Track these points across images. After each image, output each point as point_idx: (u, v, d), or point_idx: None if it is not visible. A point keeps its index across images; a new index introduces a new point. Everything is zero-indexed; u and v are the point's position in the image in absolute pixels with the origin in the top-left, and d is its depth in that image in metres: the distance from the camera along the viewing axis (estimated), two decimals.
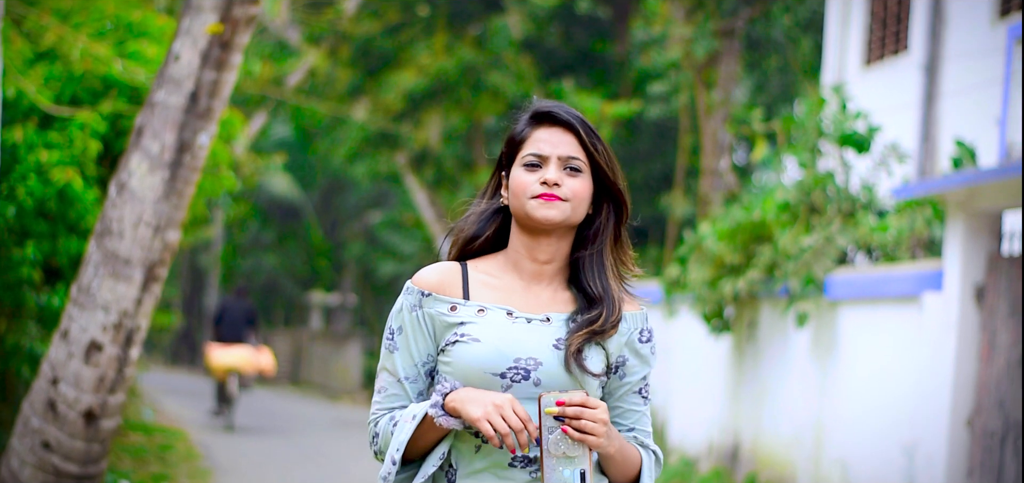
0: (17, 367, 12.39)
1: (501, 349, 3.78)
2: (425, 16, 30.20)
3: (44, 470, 8.21)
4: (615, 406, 3.96)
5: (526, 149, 3.89)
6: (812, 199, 14.90)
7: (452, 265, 3.95)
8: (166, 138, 8.11)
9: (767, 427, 15.44)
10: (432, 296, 3.89)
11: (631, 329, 3.93)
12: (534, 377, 3.77)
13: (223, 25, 8.03)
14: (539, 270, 3.93)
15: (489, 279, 3.94)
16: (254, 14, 8.13)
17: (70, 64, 13.16)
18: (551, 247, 3.91)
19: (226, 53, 8.09)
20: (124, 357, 8.28)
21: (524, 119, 3.96)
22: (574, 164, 3.85)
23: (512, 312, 3.87)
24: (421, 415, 3.78)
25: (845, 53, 19.03)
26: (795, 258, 14.35)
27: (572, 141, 3.87)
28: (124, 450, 16.48)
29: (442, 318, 3.87)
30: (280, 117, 35.92)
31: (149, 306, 8.29)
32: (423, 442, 3.81)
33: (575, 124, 3.89)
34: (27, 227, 12.48)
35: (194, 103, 8.10)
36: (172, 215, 8.21)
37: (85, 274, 8.28)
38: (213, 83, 8.11)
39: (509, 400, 3.67)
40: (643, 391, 3.98)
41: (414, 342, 3.90)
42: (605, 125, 24.56)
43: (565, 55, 29.94)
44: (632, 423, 3.98)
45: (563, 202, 3.82)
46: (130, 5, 15.08)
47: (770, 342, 15.48)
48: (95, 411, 8.24)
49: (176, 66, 8.11)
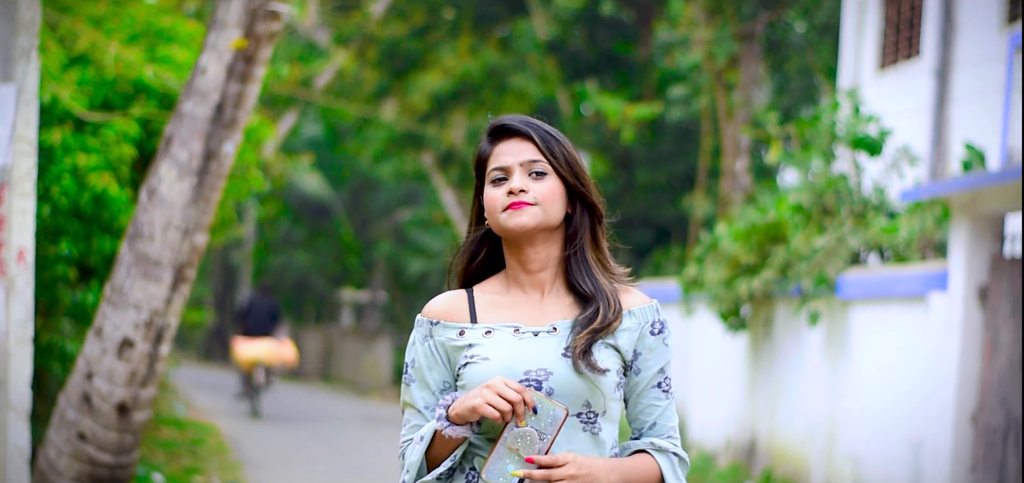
0: (49, 364, 12.73)
1: (511, 364, 3.84)
2: (451, 19, 30.51)
3: (79, 460, 8.64)
4: (635, 402, 3.96)
5: (490, 166, 3.95)
6: (825, 201, 15.23)
7: (458, 292, 4.03)
8: (193, 147, 8.52)
9: (782, 423, 15.75)
10: (440, 324, 3.96)
11: (642, 322, 3.95)
12: (546, 387, 3.82)
13: (247, 40, 8.45)
14: (536, 280, 3.97)
15: (494, 299, 3.99)
16: (276, 30, 8.55)
17: (103, 69, 13.49)
18: (539, 255, 3.95)
19: (249, 66, 8.51)
20: (154, 353, 8.69)
21: (484, 139, 4.03)
22: (537, 168, 3.90)
23: (519, 328, 3.92)
24: (429, 435, 3.85)
25: (860, 57, 19.30)
26: (807, 258, 14.67)
27: (530, 147, 3.92)
28: (157, 444, 16.85)
29: (452, 343, 3.93)
30: (311, 116, 36.25)
31: (178, 305, 8.71)
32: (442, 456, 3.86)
33: (530, 131, 3.93)
34: (62, 226, 12.83)
35: (220, 114, 8.52)
36: (199, 219, 8.62)
37: (118, 274, 8.70)
38: (237, 95, 8.53)
39: (500, 380, 3.72)
40: (663, 385, 3.97)
41: (429, 372, 3.96)
42: (627, 127, 24.88)
43: (589, 57, 30.11)
44: (654, 419, 3.96)
45: (533, 206, 3.87)
46: (161, 12, 15.43)
47: (785, 340, 15.80)
48: (127, 404, 8.66)
49: (203, 79, 8.52)
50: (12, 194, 7.66)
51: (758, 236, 15.80)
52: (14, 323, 7.68)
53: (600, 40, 30.22)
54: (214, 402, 25.26)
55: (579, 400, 3.83)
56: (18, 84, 7.66)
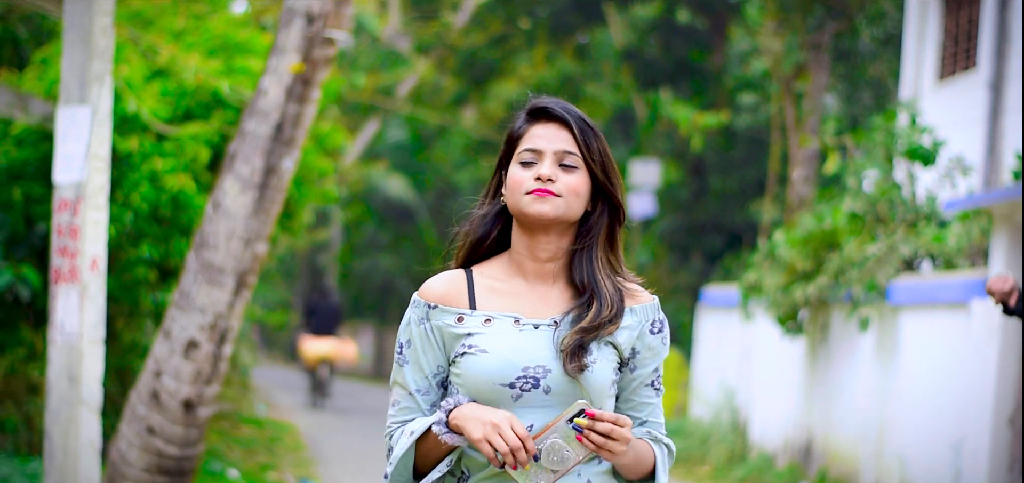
0: (132, 362, 13.38)
1: (509, 359, 3.75)
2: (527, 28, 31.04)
3: (148, 452, 9.30)
4: (628, 399, 3.92)
5: (522, 145, 3.88)
6: (878, 209, 15.65)
7: (457, 274, 3.93)
8: (255, 163, 9.16)
9: (837, 424, 16.14)
10: (438, 308, 3.87)
11: (642, 320, 3.89)
12: (544, 385, 3.75)
13: (304, 64, 9.09)
14: (542, 269, 3.89)
15: (495, 284, 3.90)
16: (331, 55, 9.19)
17: (183, 81, 14.15)
18: (551, 245, 3.87)
19: (307, 88, 9.14)
20: (218, 353, 9.34)
21: (521, 116, 3.95)
22: (569, 160, 3.81)
23: (519, 319, 3.83)
24: (420, 432, 3.78)
25: (921, 68, 19.59)
26: (859, 265, 15.10)
27: (567, 137, 3.84)
28: (235, 441, 17.45)
29: (449, 330, 3.84)
30: (396, 122, 36.93)
31: (240, 309, 9.35)
32: (434, 455, 3.81)
33: (570, 120, 3.85)
34: (142, 230, 13.47)
35: (279, 133, 9.15)
36: (260, 230, 9.26)
37: (185, 280, 9.36)
38: (296, 115, 9.16)
39: (507, 419, 3.63)
40: (655, 383, 3.94)
41: (423, 354, 3.87)
42: (697, 134, 25.32)
43: (664, 65, 30.55)
44: (645, 416, 3.94)
45: (557, 198, 3.79)
46: (238, 25, 16.04)
47: (840, 345, 16.20)
48: (193, 400, 9.32)
49: (264, 100, 9.17)
50: (86, 207, 8.33)
51: (814, 243, 16.22)
52: (87, 325, 8.36)
53: (675, 48, 30.55)
54: (295, 401, 25.93)
55: (575, 398, 3.75)
56: (93, 106, 8.34)
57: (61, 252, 8.44)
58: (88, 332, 8.37)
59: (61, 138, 8.48)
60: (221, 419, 18.83)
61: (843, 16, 21.95)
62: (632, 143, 30.67)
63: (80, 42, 8.37)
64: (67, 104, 8.45)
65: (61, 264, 8.45)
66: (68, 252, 8.38)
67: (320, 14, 9.08)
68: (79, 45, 8.37)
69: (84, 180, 8.34)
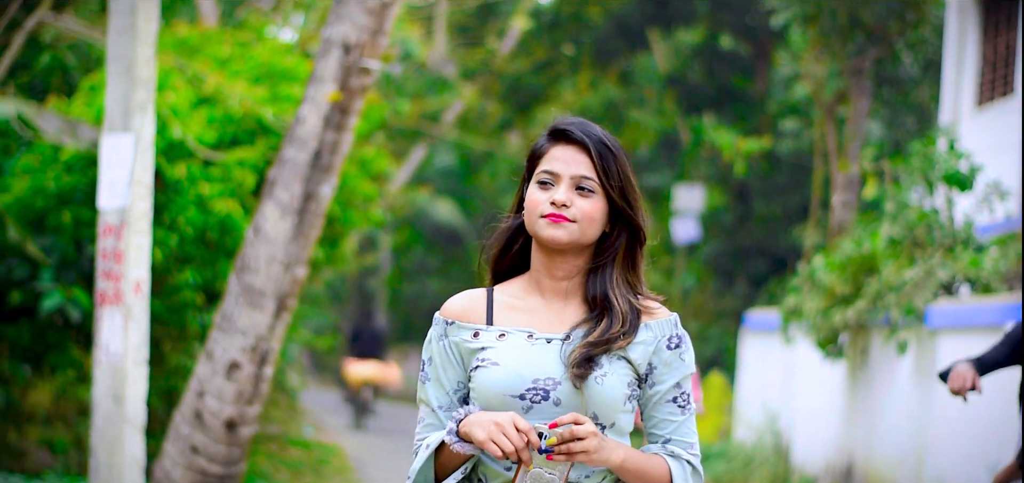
0: (178, 383, 13.62)
1: (520, 371, 3.80)
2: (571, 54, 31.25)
3: (192, 470, 9.57)
4: (649, 416, 3.94)
5: (541, 166, 3.91)
6: (916, 234, 15.79)
7: (478, 292, 3.99)
8: (294, 189, 9.43)
9: (877, 447, 16.25)
10: (456, 324, 3.92)
11: (658, 336, 3.91)
12: (553, 397, 3.78)
13: (341, 93, 9.36)
14: (558, 286, 3.93)
15: (513, 301, 3.95)
16: (367, 84, 9.45)
17: (228, 108, 14.38)
18: (567, 264, 3.91)
19: (344, 117, 9.41)
20: (259, 374, 9.60)
21: (544, 135, 3.98)
22: (586, 184, 3.85)
23: (532, 334, 3.87)
24: (435, 446, 3.84)
25: (959, 94, 19.68)
26: (897, 289, 15.23)
27: (586, 161, 3.86)
28: (282, 463, 17.69)
29: (466, 345, 3.89)
30: (444, 147, 37.19)
31: (280, 331, 9.61)
32: (451, 467, 3.85)
33: (590, 144, 3.87)
34: (188, 254, 13.75)
35: (317, 160, 9.41)
36: (299, 254, 9.52)
37: (227, 303, 9.63)
38: (333, 142, 9.43)
39: (510, 418, 3.67)
40: (679, 399, 3.92)
41: (444, 371, 3.92)
42: (739, 159, 25.47)
43: (707, 91, 30.71)
44: (669, 433, 3.93)
45: (571, 223, 3.83)
46: (282, 52, 16.31)
47: (879, 368, 16.31)
48: (235, 420, 9.58)
49: (302, 128, 9.44)
50: (130, 232, 8.61)
51: (853, 268, 16.35)
52: (131, 346, 8.63)
53: (718, 74, 30.71)
54: (342, 424, 26.17)
55: (585, 412, 3.80)
56: (136, 133, 8.62)
57: (106, 275, 8.71)
58: (132, 353, 8.64)
59: (105, 165, 8.76)
60: (269, 441, 19.11)
61: (884, 42, 22.06)
62: (676, 168, 30.81)
63: (123, 72, 8.65)
64: (111, 132, 8.73)
65: (106, 287, 8.72)
66: (112, 275, 8.65)
67: (356, 44, 9.35)
68: (122, 75, 8.65)
69: (128, 206, 8.61)
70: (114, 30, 8.82)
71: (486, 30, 31.30)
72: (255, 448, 17.76)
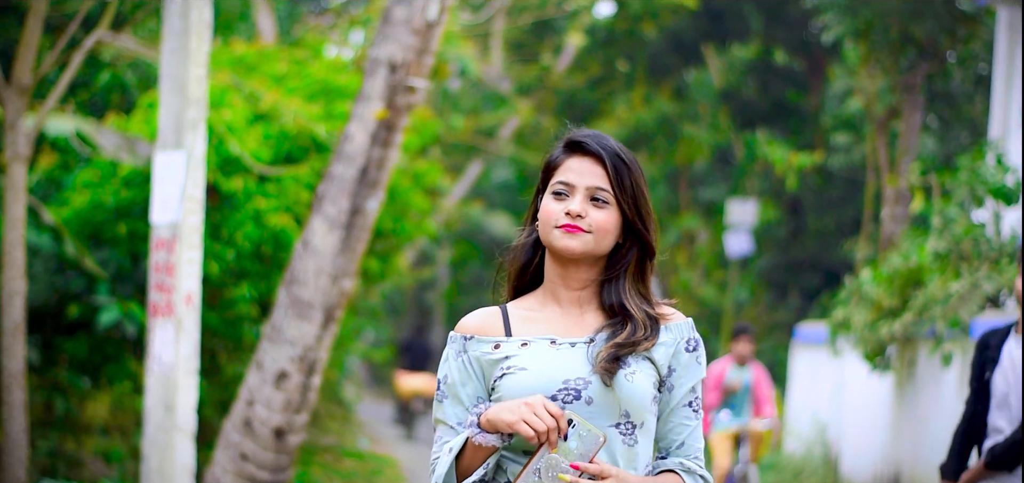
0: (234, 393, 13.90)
1: (549, 374, 3.80)
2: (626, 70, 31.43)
3: (241, 477, 9.85)
4: (666, 421, 3.93)
5: (556, 177, 3.94)
6: (962, 248, 15.91)
7: (492, 309, 4.01)
8: (342, 204, 9.70)
9: (923, 459, 16.32)
10: (474, 339, 3.91)
11: (677, 338, 3.93)
12: (586, 396, 3.78)
13: (387, 111, 9.63)
14: (574, 297, 3.95)
15: (529, 314, 3.95)
16: (413, 102, 9.72)
17: (283, 125, 14.62)
18: (581, 275, 3.94)
19: (390, 134, 9.68)
20: (307, 384, 9.87)
21: (559, 146, 4.02)
22: (600, 195, 3.87)
23: (555, 340, 3.88)
24: (459, 446, 3.81)
25: (1008, 108, 19.70)
26: (943, 302, 15.37)
27: (600, 173, 3.89)
28: (336, 473, 17.98)
29: (487, 357, 3.89)
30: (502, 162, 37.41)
31: (327, 342, 9.88)
32: (474, 467, 3.82)
33: (605, 156, 3.90)
34: (244, 268, 14.06)
35: (364, 175, 9.68)
36: (346, 267, 9.79)
37: (276, 315, 9.91)
38: (380, 159, 9.70)
39: (541, 399, 3.69)
40: (693, 404, 3.94)
41: (462, 387, 3.91)
42: (791, 174, 25.62)
43: (761, 106, 30.85)
44: (683, 438, 3.94)
45: (586, 234, 3.85)
46: (337, 70, 16.60)
47: (925, 380, 16.42)
48: (283, 428, 9.85)
49: (350, 145, 9.71)
50: (182, 245, 8.91)
51: (900, 281, 16.49)
52: (182, 357, 8.92)
53: (772, 89, 30.85)
54: (398, 436, 26.41)
55: (617, 410, 3.82)
56: (187, 151, 8.92)
57: (158, 288, 9.01)
58: (183, 363, 8.93)
59: (158, 181, 9.06)
60: (324, 452, 19.41)
61: (935, 57, 22.17)
62: (731, 182, 30.96)
63: (176, 91, 8.95)
64: (164, 149, 9.03)
65: (158, 299, 9.02)
66: (165, 288, 8.95)
67: (402, 64, 9.62)
68: (175, 94, 8.95)
69: (179, 221, 8.90)
70: (167, 51, 9.12)
71: (541, 46, 31.52)
72: (309, 458, 18.05)
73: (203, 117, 9.02)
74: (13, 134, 10.18)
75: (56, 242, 12.98)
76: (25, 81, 10.23)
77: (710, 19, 30.62)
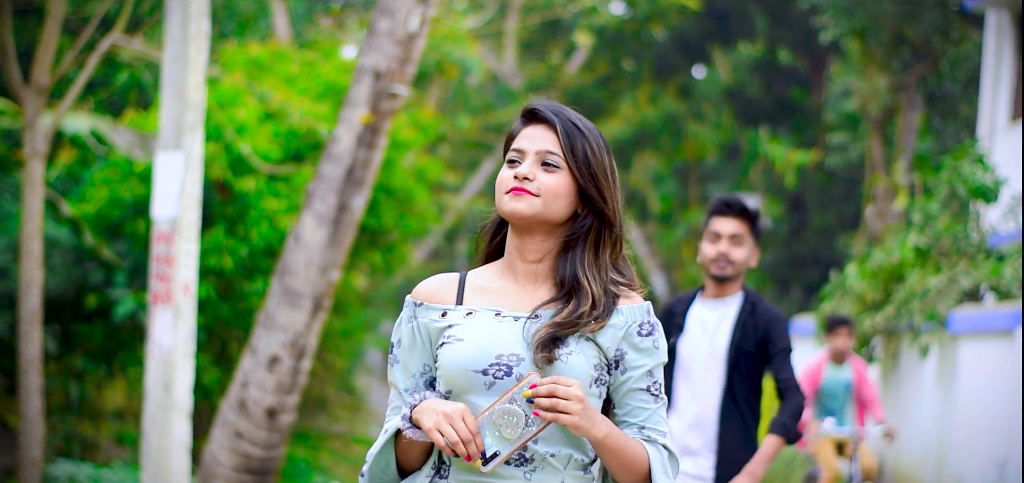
0: None
1: (484, 347, 3.72)
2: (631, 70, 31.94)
3: (236, 454, 10.52)
4: (621, 403, 3.83)
5: (512, 145, 3.87)
6: (941, 244, 16.51)
7: (450, 275, 3.93)
8: (330, 201, 10.36)
9: (905, 447, 16.88)
10: (424, 305, 3.86)
11: (628, 322, 3.81)
12: (516, 373, 3.69)
13: (372, 115, 10.32)
14: (530, 269, 3.86)
15: (484, 284, 3.87)
16: (396, 107, 10.42)
17: (293, 124, 15.14)
18: (536, 245, 3.84)
19: (374, 136, 10.34)
20: (297, 367, 10.54)
21: (518, 118, 3.92)
22: (550, 160, 3.78)
23: (500, 312, 3.80)
24: (392, 431, 3.77)
25: (996, 109, 20.25)
26: (921, 296, 15.97)
27: (552, 138, 3.80)
28: (343, 459, 18.51)
29: (434, 325, 3.82)
30: None
31: (316, 329, 10.54)
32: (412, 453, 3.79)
33: (556, 121, 3.81)
34: (256, 264, 14.68)
35: (351, 175, 10.35)
36: (334, 259, 10.46)
37: (269, 303, 10.58)
38: (365, 160, 10.36)
39: (461, 411, 3.60)
40: (652, 388, 3.83)
41: (410, 352, 3.86)
42: (789, 171, 26.19)
43: (765, 105, 31.35)
44: (642, 421, 3.83)
45: (533, 196, 3.76)
46: (346, 70, 17.14)
47: (907, 372, 17.00)
48: (275, 409, 10.53)
49: (338, 146, 10.38)
50: (180, 239, 9.61)
51: (883, 276, 17.11)
52: (180, 341, 9.63)
53: (776, 88, 31.35)
54: None
55: None
56: (186, 151, 9.63)
57: (158, 278, 9.72)
58: (180, 346, 9.63)
59: (159, 179, 9.75)
60: (334, 439, 20.05)
61: (928, 59, 22.71)
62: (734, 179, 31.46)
63: (176, 96, 9.66)
64: (164, 150, 9.73)
65: (158, 288, 9.73)
66: (164, 278, 9.66)
67: (386, 72, 10.29)
68: (175, 98, 9.66)
69: (178, 216, 9.61)
70: (168, 59, 9.82)
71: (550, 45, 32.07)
72: (319, 445, 18.71)
73: (201, 121, 9.70)
74: (31, 132, 10.82)
75: (75, 235, 13.62)
76: (43, 81, 10.90)
77: (715, 19, 31.15)
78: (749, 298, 7.14)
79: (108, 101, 16.61)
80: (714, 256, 7.09)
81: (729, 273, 7.11)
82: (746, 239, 7.12)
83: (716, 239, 7.10)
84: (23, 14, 14.42)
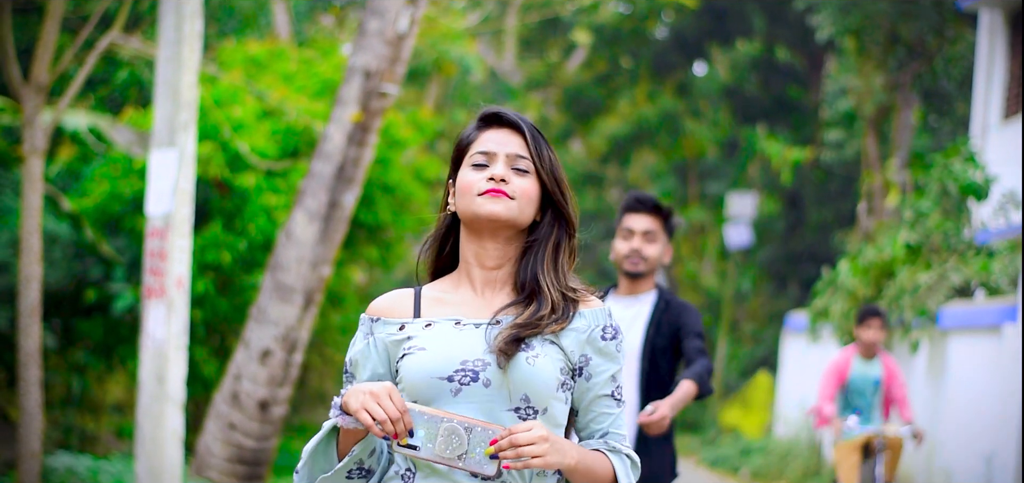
0: None
1: (447, 353, 3.66)
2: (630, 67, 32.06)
3: (229, 445, 10.73)
4: (587, 409, 3.81)
5: (474, 149, 3.80)
6: (932, 241, 16.66)
7: (405, 291, 3.87)
8: (321, 198, 10.56)
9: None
10: (381, 321, 3.80)
11: (591, 325, 3.78)
12: (483, 378, 3.64)
13: (362, 114, 10.52)
14: (490, 277, 3.82)
15: (441, 296, 3.82)
16: (386, 106, 10.61)
17: (289, 121, 15.30)
18: (498, 251, 3.81)
19: (365, 135, 10.55)
20: (289, 361, 10.75)
21: (472, 124, 3.87)
22: (521, 164, 3.76)
23: (460, 321, 3.74)
24: (328, 427, 3.68)
25: (988, 107, 20.36)
26: (912, 293, 16.12)
27: (520, 142, 3.78)
28: None
29: (392, 338, 3.76)
30: None
31: (308, 322, 10.75)
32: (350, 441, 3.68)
33: (523, 126, 3.80)
34: (254, 259, 14.83)
35: (341, 172, 10.55)
36: (325, 255, 10.66)
37: (261, 298, 10.79)
38: (355, 157, 10.57)
39: (386, 389, 3.52)
40: (615, 394, 3.82)
41: (363, 369, 3.78)
42: (785, 168, 26.34)
43: (762, 102, 31.47)
44: (606, 427, 3.83)
45: (510, 199, 3.73)
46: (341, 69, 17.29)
47: (901, 366, 17.18)
48: (267, 401, 10.73)
49: (329, 144, 10.59)
50: (173, 234, 9.78)
51: (874, 272, 17.25)
52: (173, 334, 9.80)
53: (773, 86, 31.48)
54: None
55: (516, 394, 3.67)
56: (179, 149, 9.81)
57: (152, 272, 9.89)
58: (173, 340, 9.81)
59: (153, 176, 9.92)
60: None
61: (923, 57, 22.84)
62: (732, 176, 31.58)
63: (170, 95, 9.83)
64: (158, 147, 9.90)
65: (152, 283, 9.90)
66: (158, 272, 9.84)
67: (376, 72, 10.49)
68: (169, 98, 9.83)
69: (172, 212, 9.79)
70: (162, 59, 9.99)
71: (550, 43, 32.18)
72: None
73: (194, 119, 9.87)
74: (31, 129, 10.93)
75: (74, 230, 13.72)
76: (42, 79, 11.03)
77: (713, 18, 31.29)
78: (663, 296, 7.17)
79: (107, 99, 16.72)
80: (627, 252, 7.12)
81: (642, 269, 7.13)
82: (659, 236, 7.15)
83: (629, 236, 7.14)
84: (23, 12, 14.52)
